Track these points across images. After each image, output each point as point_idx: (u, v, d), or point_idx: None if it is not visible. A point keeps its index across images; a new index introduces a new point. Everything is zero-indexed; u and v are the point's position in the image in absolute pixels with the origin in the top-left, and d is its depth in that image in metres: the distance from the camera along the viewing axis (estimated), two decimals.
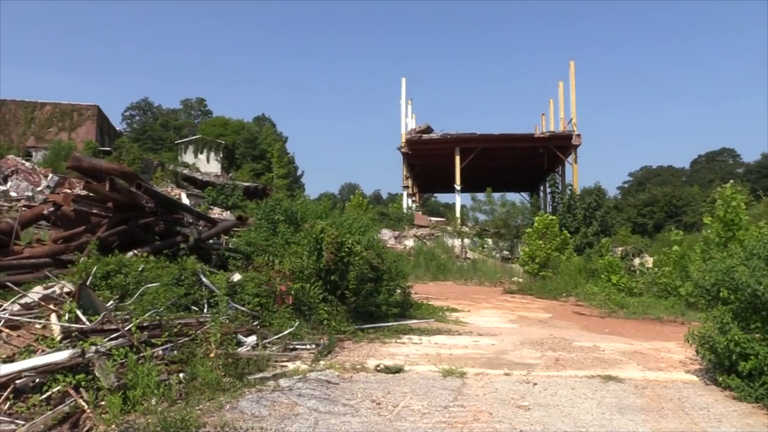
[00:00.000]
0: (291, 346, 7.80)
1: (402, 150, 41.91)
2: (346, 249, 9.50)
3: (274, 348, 7.47)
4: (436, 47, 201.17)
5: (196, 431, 4.98)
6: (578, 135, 38.51)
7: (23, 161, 32.46)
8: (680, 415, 5.90)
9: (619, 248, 29.76)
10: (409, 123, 43.55)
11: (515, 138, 40.08)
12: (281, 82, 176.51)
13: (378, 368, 7.29)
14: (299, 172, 75.30)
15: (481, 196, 36.88)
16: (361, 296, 9.84)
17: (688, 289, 14.65)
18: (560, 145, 39.45)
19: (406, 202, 42.91)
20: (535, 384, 6.97)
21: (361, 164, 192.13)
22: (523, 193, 54.16)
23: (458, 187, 40.10)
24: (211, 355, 6.39)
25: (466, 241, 34.23)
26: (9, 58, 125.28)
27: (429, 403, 6.08)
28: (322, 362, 7.45)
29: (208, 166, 59.77)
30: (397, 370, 7.25)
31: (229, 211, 33.50)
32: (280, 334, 7.84)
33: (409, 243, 33.01)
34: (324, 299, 9.41)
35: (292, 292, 8.80)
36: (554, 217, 26.27)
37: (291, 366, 7.15)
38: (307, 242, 9.86)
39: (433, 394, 6.42)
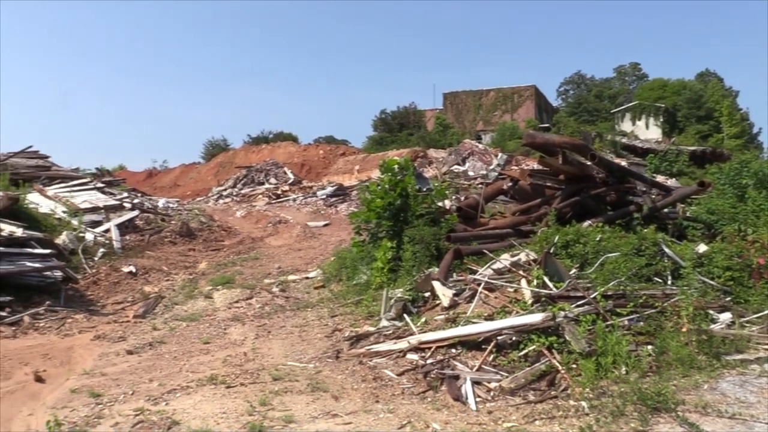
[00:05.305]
0: None
1: None
2: None
3: (753, 328, 6.61)
4: None
5: (674, 407, 4.74)
6: None
7: (476, 144, 36.42)
8: None
9: None
10: None
11: None
12: (722, 29, 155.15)
13: None
14: (755, 130, 65.74)
15: None
16: None
17: None
18: None
19: None
20: None
21: None
22: None
23: None
24: (683, 329, 5.99)
25: None
26: (463, 59, 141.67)
27: None
28: None
29: (647, 132, 57.27)
30: None
31: (674, 178, 31.39)
32: (761, 314, 6.89)
33: None
34: None
35: None
36: None
37: None
38: None
39: None
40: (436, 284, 7.84)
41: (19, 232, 10.97)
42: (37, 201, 15.12)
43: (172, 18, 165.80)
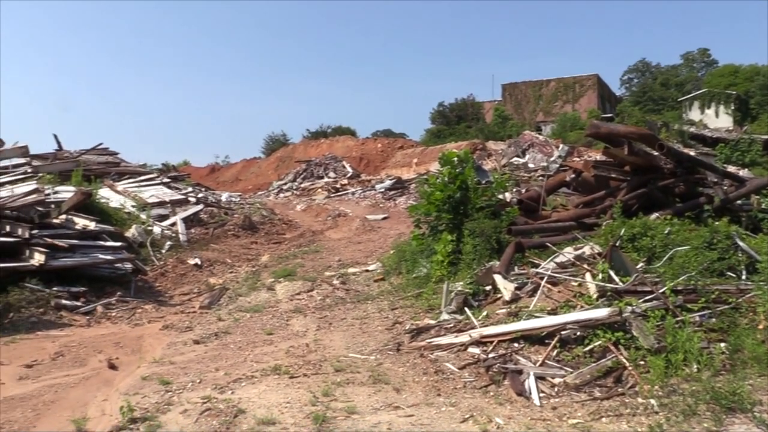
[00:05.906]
0: None
1: None
2: None
3: None
4: None
5: (751, 407, 4.54)
6: None
7: (536, 135, 35.76)
8: None
9: None
10: None
11: None
12: None
13: None
14: None
15: None
16: None
17: None
18: None
19: None
20: None
21: None
22: None
23: None
24: (759, 327, 5.73)
25: None
26: (522, 49, 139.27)
27: None
28: None
29: (717, 121, 54.86)
30: None
31: (746, 169, 29.99)
32: None
33: None
34: None
35: None
36: None
37: None
38: None
39: None
40: (498, 277, 7.74)
41: (91, 225, 11.45)
42: (108, 196, 15.72)
43: (231, 15, 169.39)
